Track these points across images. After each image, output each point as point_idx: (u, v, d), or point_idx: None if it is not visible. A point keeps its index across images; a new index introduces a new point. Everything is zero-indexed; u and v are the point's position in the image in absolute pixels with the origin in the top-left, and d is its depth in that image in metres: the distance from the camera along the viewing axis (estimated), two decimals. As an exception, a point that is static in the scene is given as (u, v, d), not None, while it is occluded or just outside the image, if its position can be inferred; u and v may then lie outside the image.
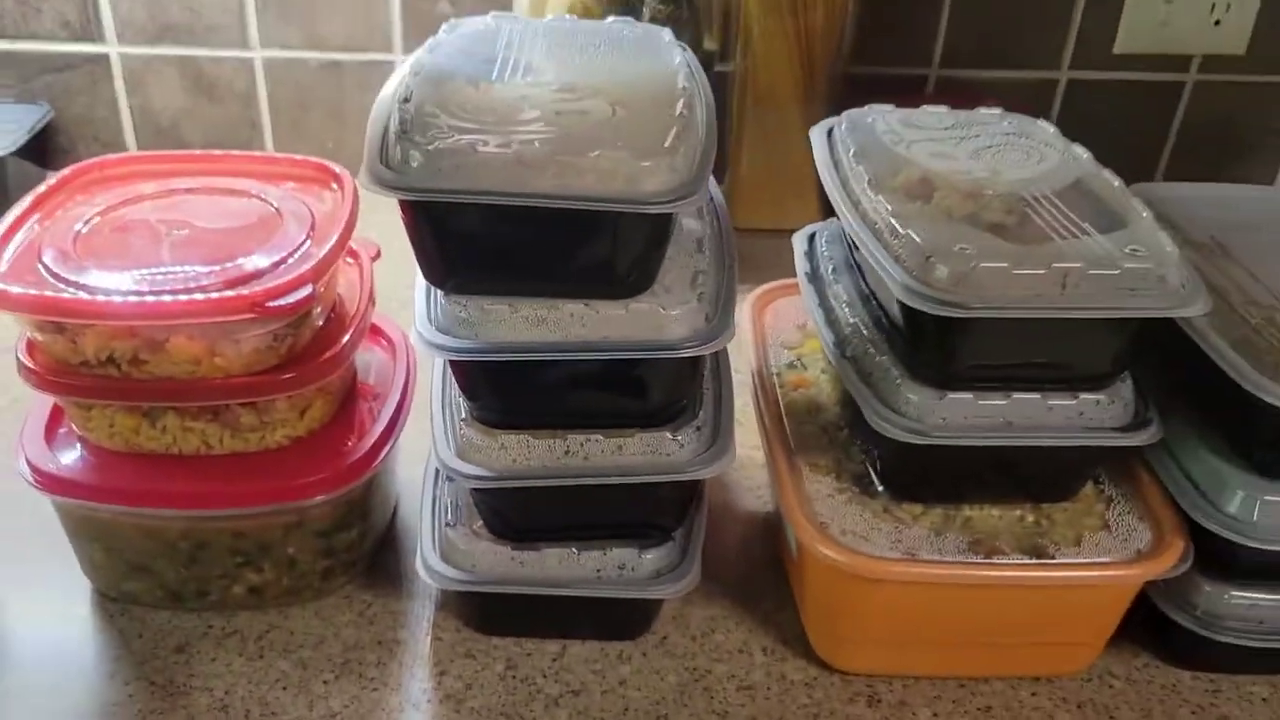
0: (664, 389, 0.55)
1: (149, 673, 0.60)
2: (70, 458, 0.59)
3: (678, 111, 0.52)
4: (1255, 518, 0.55)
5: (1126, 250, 0.53)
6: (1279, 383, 0.53)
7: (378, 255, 0.68)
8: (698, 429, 0.56)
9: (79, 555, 0.62)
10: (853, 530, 0.57)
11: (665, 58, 0.60)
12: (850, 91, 1.07)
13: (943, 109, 0.68)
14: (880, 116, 0.67)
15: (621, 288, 0.52)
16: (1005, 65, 1.12)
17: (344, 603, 0.65)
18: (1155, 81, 1.13)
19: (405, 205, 0.50)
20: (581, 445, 0.55)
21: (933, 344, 0.55)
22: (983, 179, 0.60)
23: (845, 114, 0.67)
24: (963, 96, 1.12)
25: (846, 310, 0.62)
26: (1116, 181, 0.60)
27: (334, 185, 0.65)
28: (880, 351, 0.58)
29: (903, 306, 0.54)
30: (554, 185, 0.47)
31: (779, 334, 0.73)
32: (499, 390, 0.54)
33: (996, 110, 0.69)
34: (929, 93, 1.14)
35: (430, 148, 0.48)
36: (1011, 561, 0.56)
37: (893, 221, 0.55)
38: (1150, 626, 0.62)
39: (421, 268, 0.52)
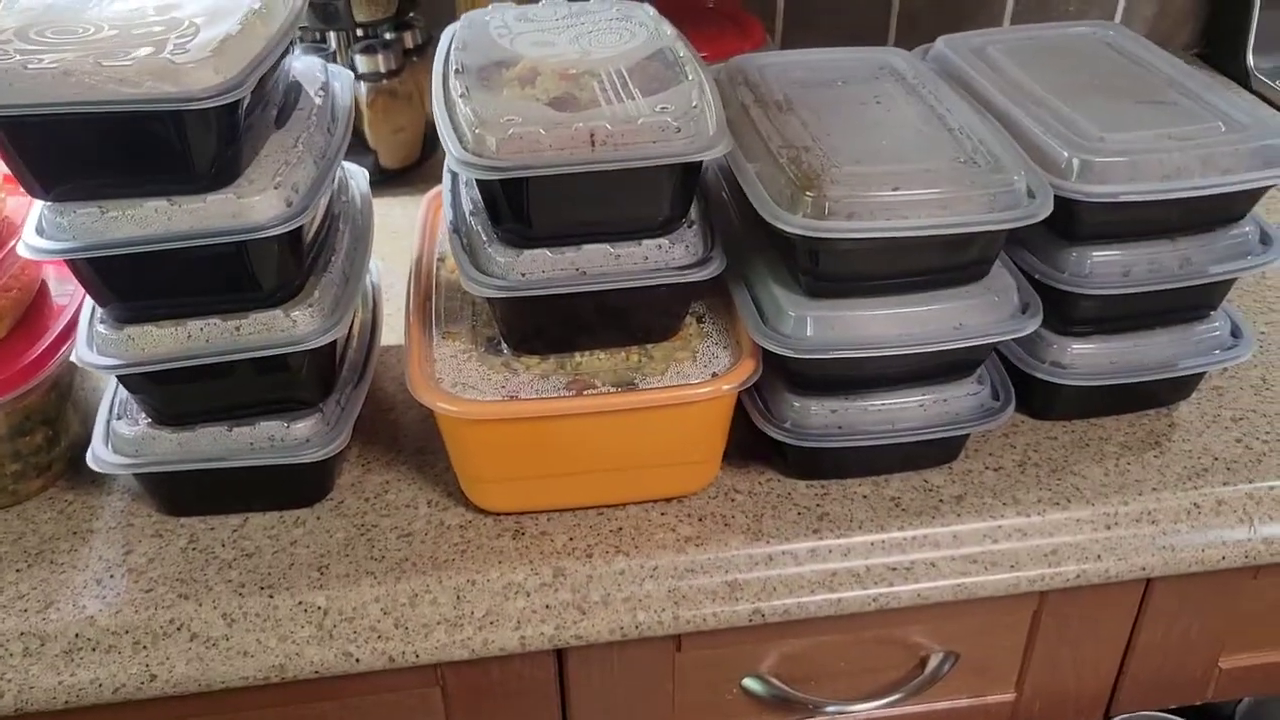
0: (268, 271, 0.61)
1: None
2: None
3: (241, 18, 0.58)
4: (808, 333, 0.63)
5: (657, 109, 0.60)
6: (792, 212, 0.60)
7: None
8: (311, 305, 0.63)
9: None
10: (464, 382, 0.65)
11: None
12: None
13: (561, 1, 0.74)
14: (497, 14, 0.73)
15: (201, 182, 0.58)
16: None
17: (46, 503, 0.71)
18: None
19: (-12, 125, 0.55)
20: (201, 329, 0.61)
21: (503, 208, 0.62)
22: (573, 60, 0.66)
23: (466, 15, 0.73)
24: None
25: (464, 191, 0.69)
26: (684, 52, 0.66)
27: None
28: (479, 224, 0.65)
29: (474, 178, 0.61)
30: (96, 93, 0.53)
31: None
32: (113, 287, 0.60)
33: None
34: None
35: (-16, 64, 0.53)
36: (596, 393, 0.64)
37: (460, 102, 0.62)
38: (769, 445, 0.70)
39: (21, 185, 0.58)
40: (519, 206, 0.61)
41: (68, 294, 0.74)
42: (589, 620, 0.65)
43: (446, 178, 0.73)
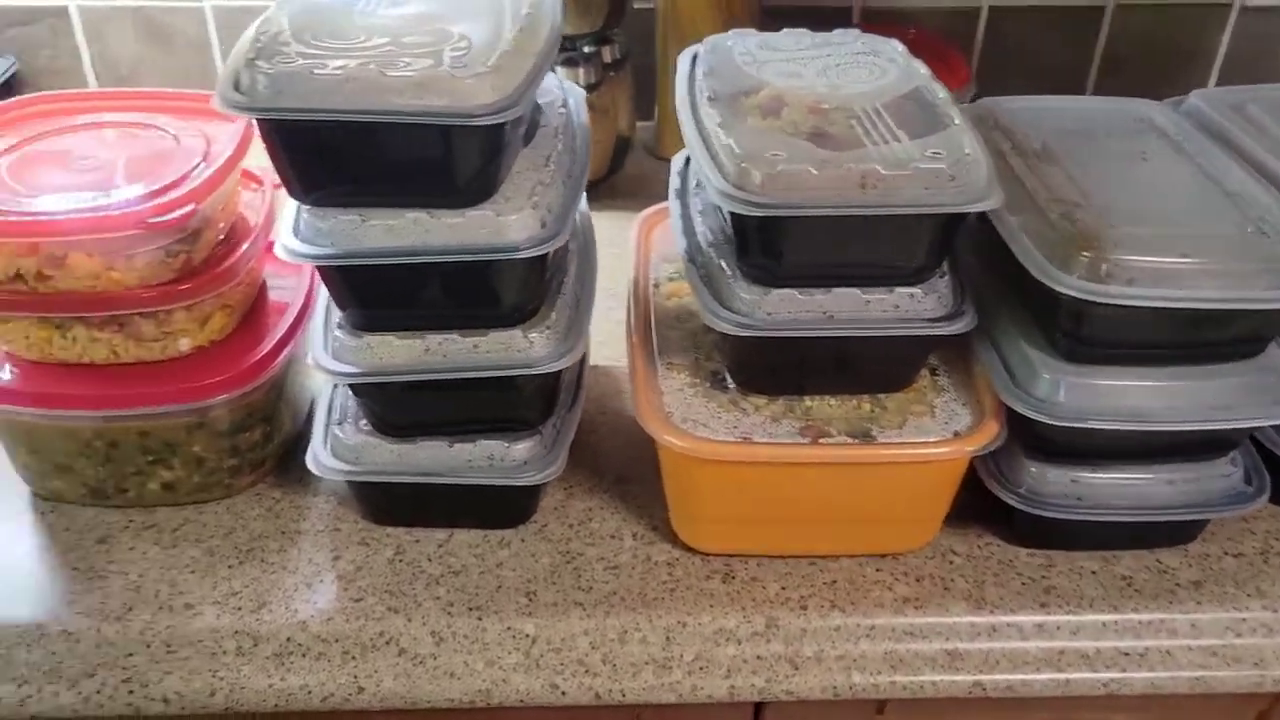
0: (512, 290, 0.60)
1: (72, 560, 0.66)
2: (-4, 368, 0.66)
3: (511, 35, 0.57)
4: (1061, 398, 0.60)
5: (928, 153, 0.57)
6: (1066, 271, 0.57)
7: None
8: (549, 328, 0.62)
9: (10, 458, 0.69)
10: (695, 419, 0.63)
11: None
12: (772, 26, 1.11)
13: (803, 31, 0.72)
14: (739, 40, 0.71)
15: (461, 197, 0.57)
16: (928, -6, 1.15)
17: (254, 499, 0.71)
18: (1076, 7, 1.15)
19: (261, 127, 0.55)
20: (440, 344, 0.61)
21: (755, 244, 0.60)
22: (823, 94, 0.64)
23: (708, 39, 0.71)
24: (885, 27, 1.15)
25: (699, 220, 0.67)
26: (943, 93, 0.64)
27: (235, 121, 0.70)
28: (720, 255, 0.63)
29: (731, 211, 0.59)
30: (380, 102, 0.52)
31: (664, 249, 0.78)
32: (361, 294, 0.60)
33: (854, 31, 0.72)
34: (854, 24, 1.17)
35: (272, 71, 0.53)
36: (834, 442, 0.61)
37: (720, 133, 0.60)
38: (991, 508, 0.67)
39: (284, 185, 0.58)
40: (773, 244, 0.59)
41: (282, 288, 0.74)
42: (801, 676, 0.63)
43: (675, 204, 0.71)
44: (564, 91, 0.71)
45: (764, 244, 0.59)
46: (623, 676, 0.62)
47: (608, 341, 0.78)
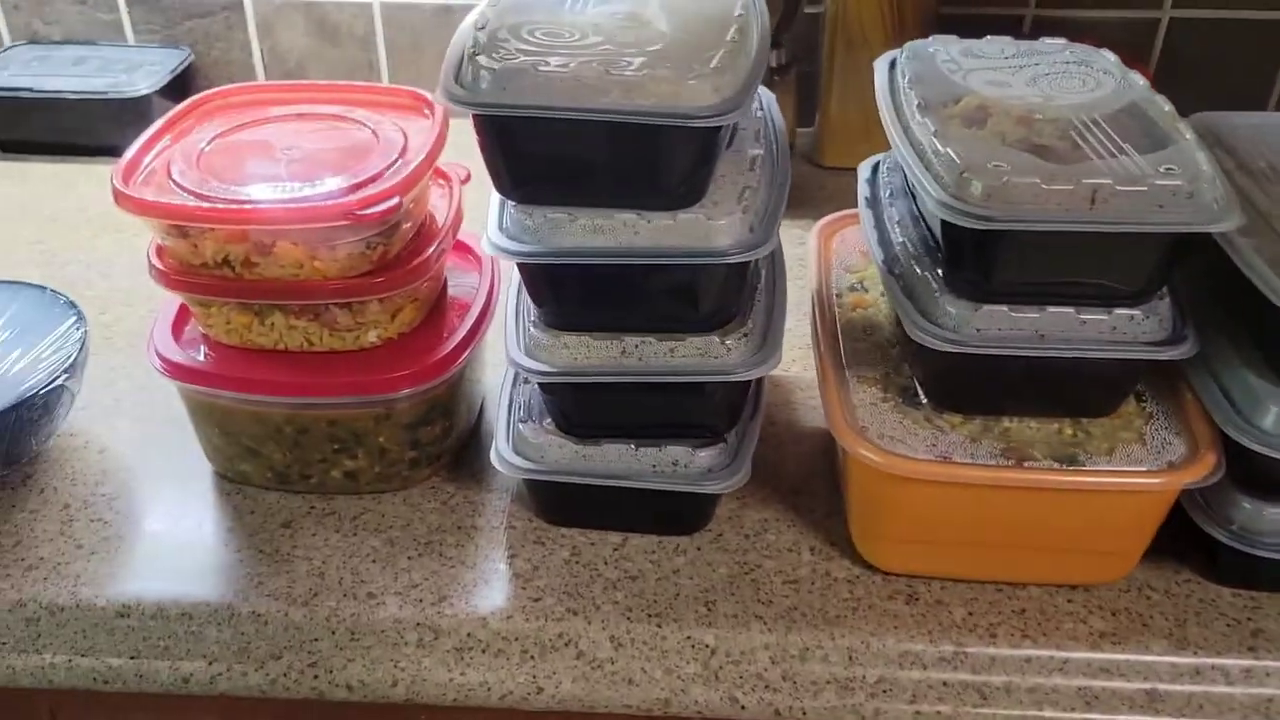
0: (713, 295, 0.59)
1: (258, 543, 0.68)
2: (193, 352, 0.67)
3: (729, 35, 0.56)
4: (1288, 433, 0.57)
5: (1161, 169, 0.55)
6: (1309, 299, 0.54)
7: (468, 178, 0.74)
8: (745, 335, 0.61)
9: (201, 439, 0.71)
10: (891, 435, 0.61)
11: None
12: (942, 33, 1.08)
13: (1006, 39, 0.70)
14: (942, 47, 0.69)
15: (672, 199, 0.56)
16: (1104, 4, 1.11)
17: (430, 492, 0.72)
18: (1261, 20, 1.10)
19: (477, 121, 0.55)
20: (637, 347, 0.60)
21: (969, 258, 0.58)
22: (1035, 104, 0.62)
23: (908, 45, 0.70)
24: (1059, 37, 1.12)
25: (898, 231, 0.65)
26: (1168, 106, 0.61)
27: (427, 112, 0.71)
28: (924, 267, 0.61)
29: (942, 222, 0.57)
30: (606, 101, 0.52)
31: (843, 259, 0.76)
32: (561, 294, 0.60)
33: (1060, 40, 0.70)
34: (1025, 34, 1.13)
35: (497, 67, 0.53)
36: (1042, 467, 0.59)
37: (935, 142, 0.58)
38: (1192, 543, 0.64)
39: (493, 180, 0.58)
40: (989, 259, 0.57)
41: (460, 285, 0.75)
42: (990, 707, 0.60)
43: (866, 214, 0.70)
44: (760, 94, 0.70)
45: (979, 258, 0.57)
46: (804, 694, 0.61)
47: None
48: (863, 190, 0.72)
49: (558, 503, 0.68)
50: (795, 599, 0.64)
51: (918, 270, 0.61)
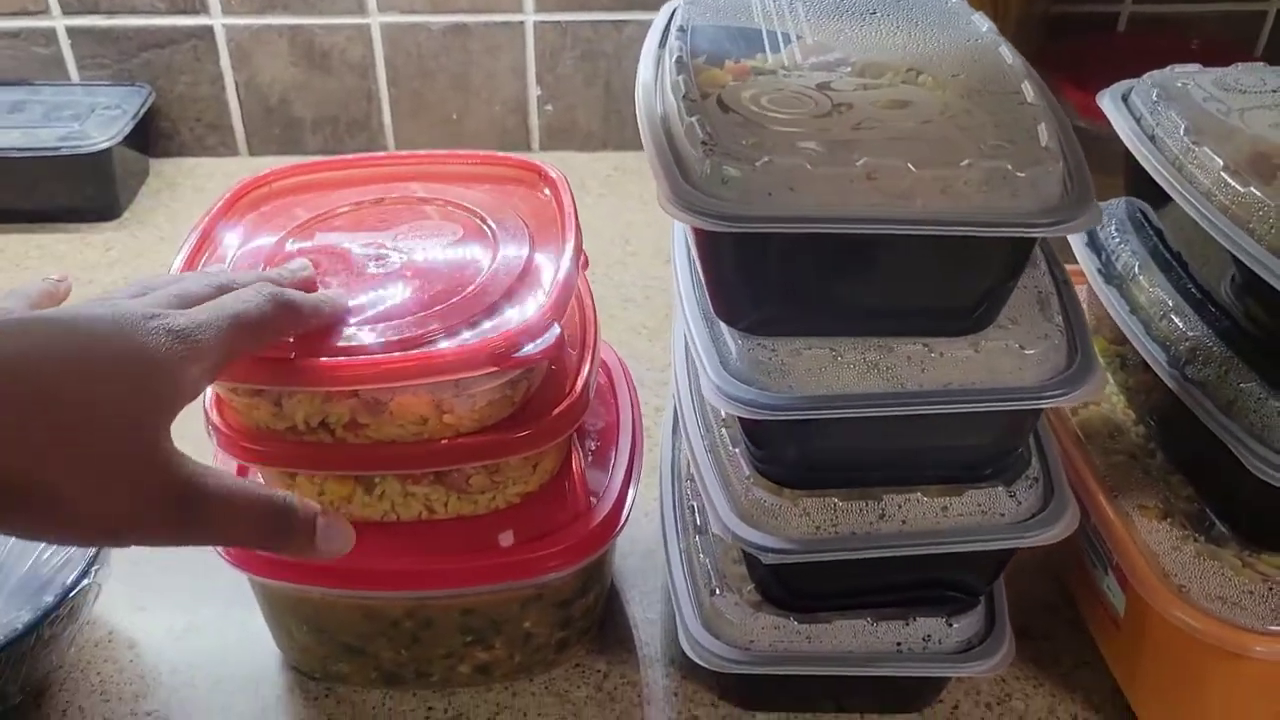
0: (1003, 438, 0.45)
1: (370, 772, 0.51)
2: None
3: (1029, 98, 0.41)
4: None
5: None
6: None
7: (586, 265, 0.58)
8: (1033, 481, 0.46)
9: (276, 632, 0.54)
10: (1216, 594, 0.47)
11: (962, 22, 0.49)
12: (1042, 32, 0.95)
13: (1260, 65, 0.57)
14: (1191, 80, 0.55)
15: (967, 323, 0.41)
16: (1205, -3, 1.00)
17: (576, 673, 0.56)
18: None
19: (705, 237, 0.39)
20: (900, 507, 0.45)
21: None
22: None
23: (1148, 77, 0.56)
24: (1158, 34, 1.00)
25: (1174, 318, 0.52)
26: None
27: (545, 190, 0.55)
28: (1237, 373, 0.47)
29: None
30: (918, 210, 0.37)
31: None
32: (808, 448, 0.45)
33: (1322, 63, 0.57)
34: (1121, 31, 1.01)
35: (757, 163, 0.37)
36: None
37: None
38: None
39: (713, 299, 0.42)
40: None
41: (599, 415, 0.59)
42: None
43: (1108, 293, 0.56)
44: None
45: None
46: None
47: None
48: (1088, 260, 0.58)
49: (761, 689, 0.53)
50: (1074, 798, 0.50)
51: (1230, 375, 0.48)
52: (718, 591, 0.51)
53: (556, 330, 0.46)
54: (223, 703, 0.55)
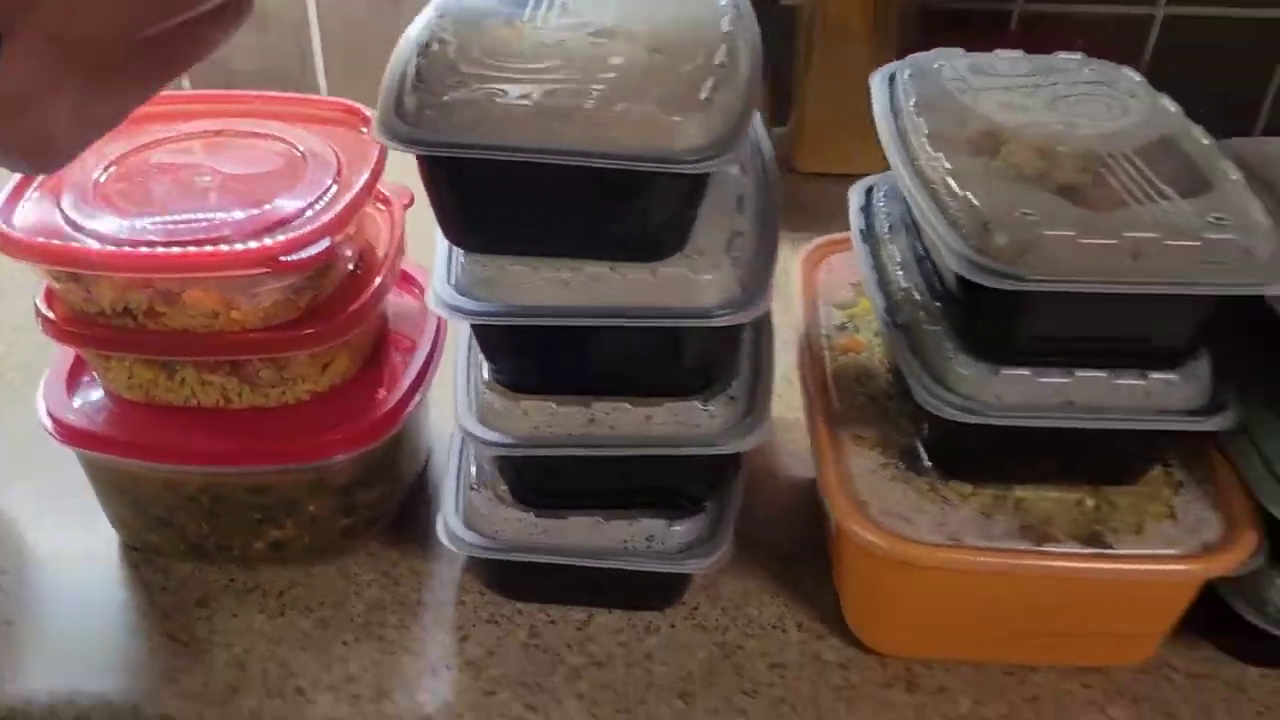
0: (695, 357, 0.52)
1: (172, 628, 0.59)
2: (91, 408, 0.58)
3: (717, 60, 0.48)
4: (1340, 514, 0.51)
5: (1210, 219, 0.48)
6: (1374, 371, 0.47)
7: (411, 202, 0.65)
8: (731, 399, 0.53)
9: (104, 506, 0.62)
10: (895, 511, 0.54)
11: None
12: (926, 27, 1.01)
13: (1018, 54, 0.63)
14: (948, 62, 0.61)
15: (650, 250, 0.48)
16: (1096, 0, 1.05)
17: (368, 560, 0.63)
18: (1258, 18, 1.04)
19: (424, 162, 0.46)
20: (608, 414, 0.52)
21: (989, 316, 0.50)
22: (1057, 133, 0.55)
23: (909, 58, 0.62)
24: (1048, 34, 1.05)
25: (900, 273, 0.58)
26: (1206, 139, 0.54)
27: (364, 129, 0.62)
28: (933, 320, 0.54)
29: (958, 275, 0.50)
30: (578, 140, 0.44)
31: (832, 292, 0.69)
32: (521, 354, 0.52)
33: (1078, 56, 0.63)
34: (1012, 30, 1.06)
35: (445, 99, 0.44)
36: (1065, 550, 0.52)
37: (950, 181, 0.51)
38: (1215, 618, 0.58)
39: (440, 224, 0.49)
40: (1015, 318, 0.50)
41: (408, 324, 0.66)
42: (1002, 812, 0.54)
43: (863, 250, 0.62)
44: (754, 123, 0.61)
45: (1001, 318, 0.50)
46: (796, 803, 0.54)
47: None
48: (856, 220, 0.64)
49: (516, 578, 0.60)
50: (782, 688, 0.57)
51: (926, 323, 0.54)
52: (475, 488, 0.58)
53: (325, 244, 0.53)
54: (59, 570, 0.62)
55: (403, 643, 0.59)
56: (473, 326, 0.51)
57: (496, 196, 0.47)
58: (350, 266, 0.60)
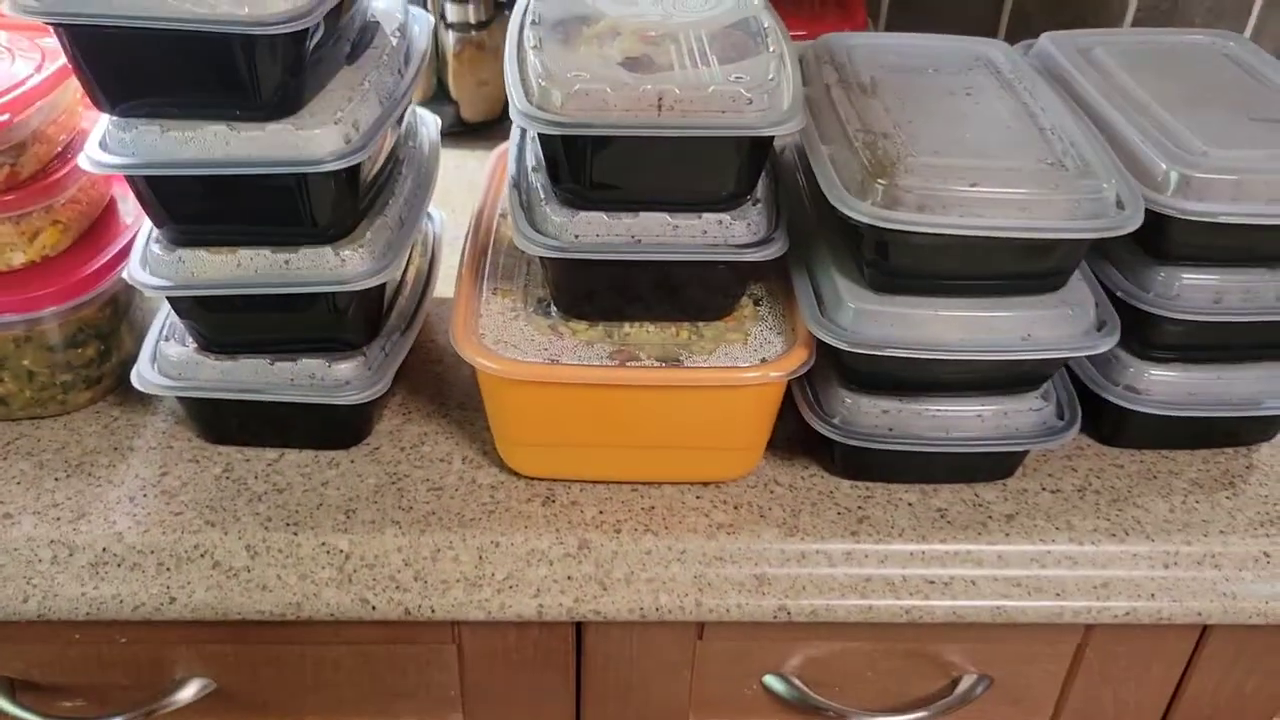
0: (321, 207, 0.60)
1: (-99, 470, 0.67)
2: None
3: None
4: (862, 327, 0.61)
5: (732, 78, 0.58)
6: (860, 198, 0.57)
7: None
8: (362, 246, 0.62)
9: None
10: (508, 341, 0.63)
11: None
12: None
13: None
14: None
15: (262, 110, 0.57)
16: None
17: (93, 416, 0.72)
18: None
19: (56, 35, 0.55)
20: (251, 259, 0.61)
21: (562, 166, 0.60)
22: (653, 22, 0.64)
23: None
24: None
25: (530, 147, 0.67)
26: (769, 21, 0.64)
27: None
28: (538, 180, 0.63)
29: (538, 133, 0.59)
30: (174, 10, 0.52)
31: (519, 179, 0.78)
32: (169, 207, 0.60)
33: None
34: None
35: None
36: (639, 366, 0.62)
37: (530, 53, 0.60)
38: (818, 439, 0.68)
39: (88, 95, 0.58)
40: (578, 166, 0.59)
41: (134, 211, 0.75)
42: (609, 596, 0.64)
43: (515, 132, 0.71)
44: (408, 16, 0.71)
45: (570, 166, 0.59)
46: (433, 593, 0.63)
47: (467, 273, 0.79)
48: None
49: (211, 421, 0.69)
50: (435, 505, 0.66)
51: (534, 183, 0.63)
52: (167, 339, 0.67)
53: (4, 118, 0.61)
54: None
55: (108, 478, 0.67)
56: (129, 183, 0.60)
57: (117, 65, 0.56)
58: (59, 150, 0.68)
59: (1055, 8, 1.18)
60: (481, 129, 1.06)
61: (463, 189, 0.90)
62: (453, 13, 0.99)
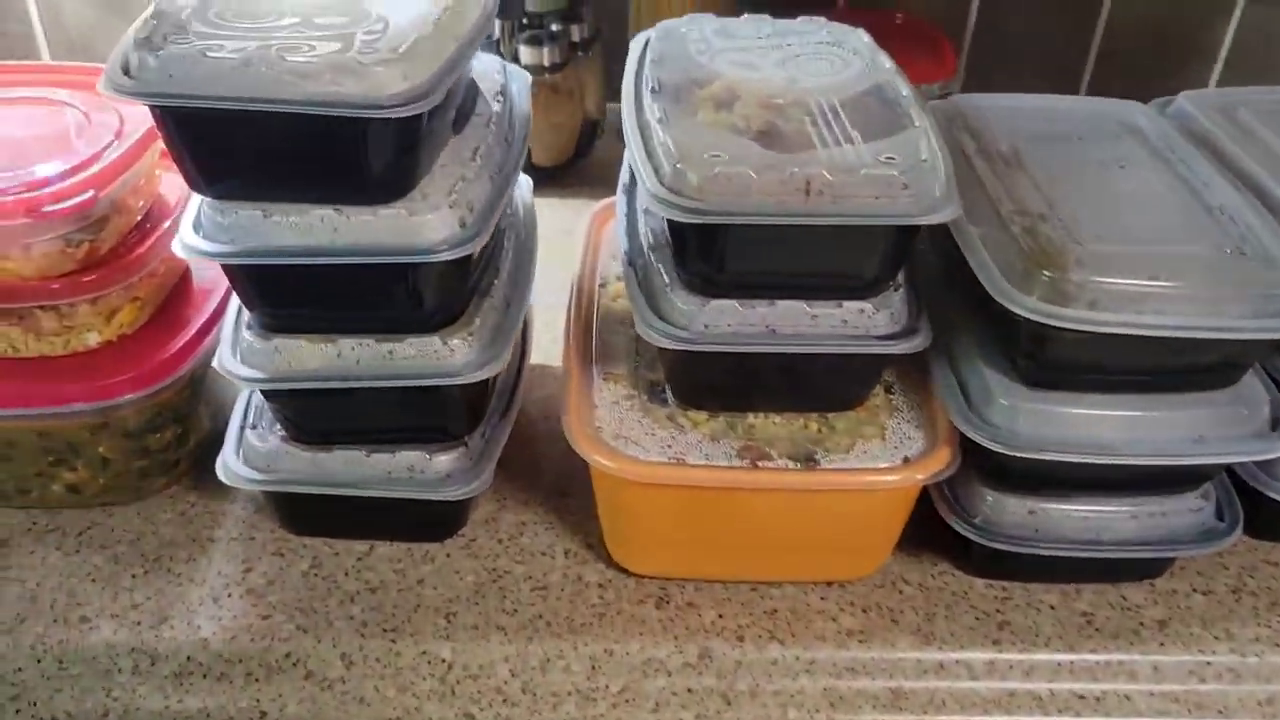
0: (430, 294, 0.56)
1: (-32, 565, 0.63)
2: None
3: (433, 17, 0.52)
4: (1017, 426, 0.56)
5: (880, 158, 0.53)
6: (1025, 291, 0.53)
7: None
8: (470, 334, 0.57)
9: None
10: (628, 435, 0.58)
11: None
12: (752, 4, 1.05)
13: (763, 18, 0.68)
14: (695, 26, 0.66)
15: (372, 194, 0.52)
16: (919, -23, 1.10)
17: (168, 503, 0.67)
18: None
19: (154, 114, 0.51)
20: (353, 349, 0.57)
21: (693, 251, 0.55)
22: (778, 88, 0.60)
23: (661, 23, 0.67)
24: (871, 13, 1.10)
25: (643, 220, 0.63)
26: (906, 90, 0.59)
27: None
28: (660, 260, 0.58)
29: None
30: (273, 90, 0.48)
31: (615, 246, 0.73)
32: (267, 295, 0.56)
33: (820, 19, 0.68)
34: (839, 7, 1.12)
35: (163, 54, 0.49)
36: (772, 467, 0.57)
37: (658, 128, 0.55)
38: (949, 536, 0.63)
39: (183, 176, 0.53)
40: (712, 252, 0.54)
41: (210, 279, 0.70)
42: (734, 712, 0.59)
43: (621, 200, 0.67)
44: (505, 76, 0.66)
45: (702, 251, 0.55)
46: (543, 707, 0.58)
47: (560, 339, 0.74)
48: (623, 176, 0.69)
49: (298, 513, 0.64)
50: (542, 606, 0.62)
51: (655, 263, 0.59)
52: (254, 427, 0.62)
53: (88, 195, 0.57)
54: None
55: (189, 575, 0.63)
56: (224, 270, 0.56)
57: (220, 147, 0.51)
58: (138, 219, 0.63)
59: (1139, 50, 1.13)
60: (551, 174, 1.02)
61: (541, 239, 0.85)
62: (527, 55, 0.95)
